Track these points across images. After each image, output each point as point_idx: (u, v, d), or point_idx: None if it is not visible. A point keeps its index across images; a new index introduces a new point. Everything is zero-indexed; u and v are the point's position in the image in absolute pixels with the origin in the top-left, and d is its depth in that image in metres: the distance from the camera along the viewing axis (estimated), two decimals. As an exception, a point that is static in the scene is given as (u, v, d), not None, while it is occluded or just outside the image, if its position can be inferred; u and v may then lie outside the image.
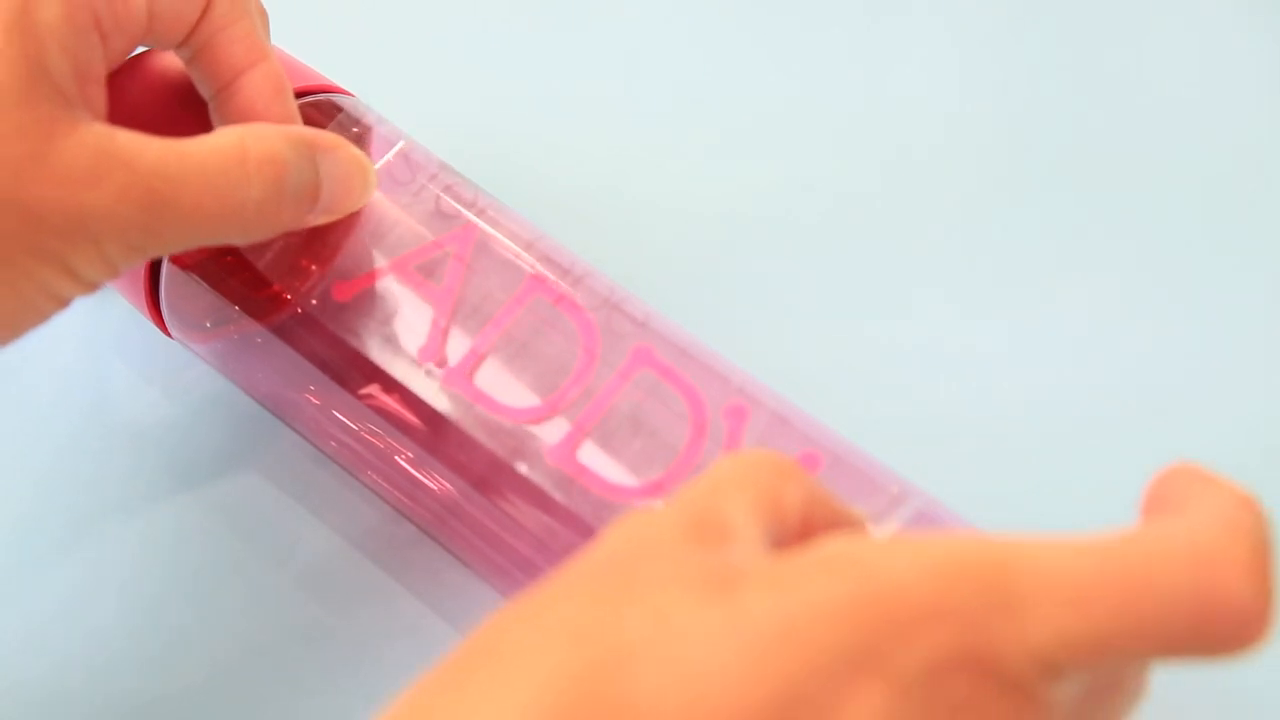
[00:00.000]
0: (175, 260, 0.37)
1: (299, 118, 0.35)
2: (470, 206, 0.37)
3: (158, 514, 0.40)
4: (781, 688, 0.21)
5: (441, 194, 0.37)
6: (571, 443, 0.33)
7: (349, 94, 0.39)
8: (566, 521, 0.33)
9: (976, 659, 0.22)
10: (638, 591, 0.23)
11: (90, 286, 0.31)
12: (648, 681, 0.22)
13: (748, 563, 0.24)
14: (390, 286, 0.35)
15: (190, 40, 0.34)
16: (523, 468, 0.33)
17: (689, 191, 0.46)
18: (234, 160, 0.32)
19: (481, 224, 0.36)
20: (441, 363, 0.35)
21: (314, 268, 0.36)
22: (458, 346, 0.35)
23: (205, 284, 0.37)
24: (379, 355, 0.35)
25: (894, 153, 0.47)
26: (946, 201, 0.46)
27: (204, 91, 0.35)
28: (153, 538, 0.40)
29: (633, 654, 0.22)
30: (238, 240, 0.33)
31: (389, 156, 0.37)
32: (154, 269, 0.38)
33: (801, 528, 0.25)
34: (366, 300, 0.35)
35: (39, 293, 0.31)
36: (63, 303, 0.31)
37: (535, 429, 0.33)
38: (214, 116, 0.35)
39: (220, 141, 0.32)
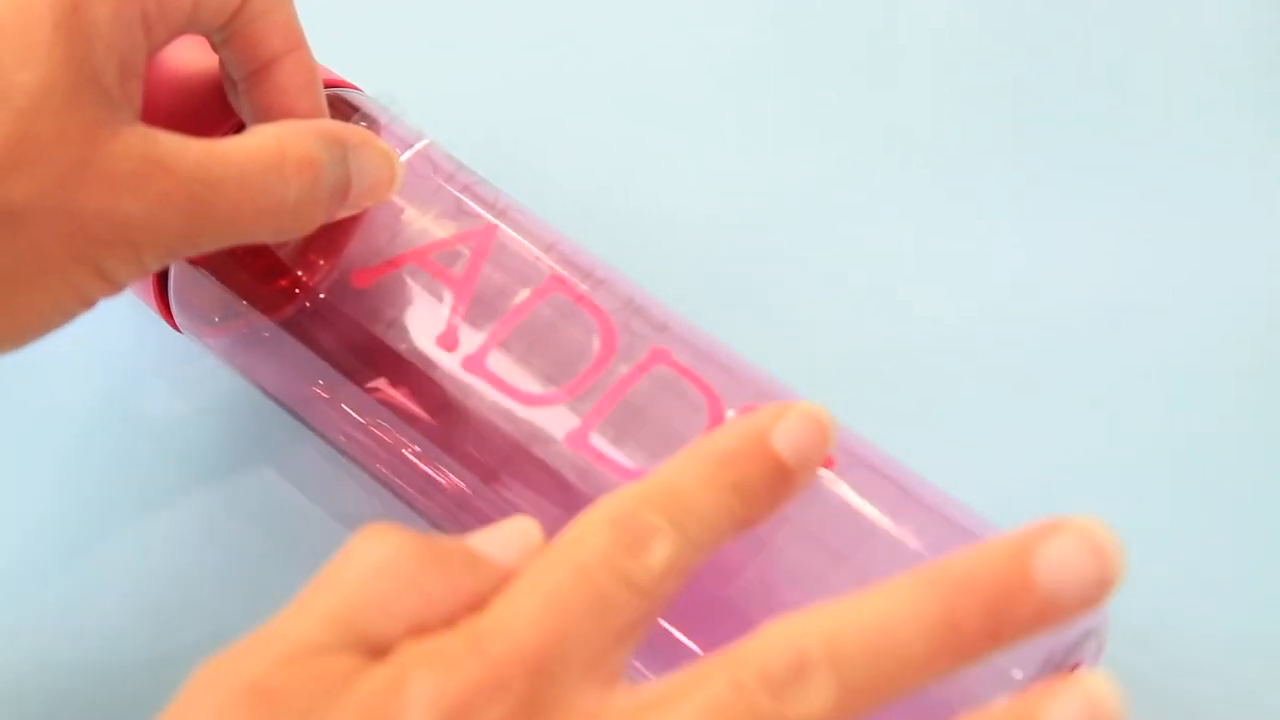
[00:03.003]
0: (184, 255, 0.37)
1: (326, 109, 0.35)
2: (490, 208, 0.37)
3: (167, 508, 0.40)
4: None
5: (461, 194, 0.37)
6: (586, 428, 0.33)
7: (357, 88, 0.39)
8: (581, 506, 0.33)
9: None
10: None
11: (119, 288, 0.31)
12: None
13: None
14: (408, 276, 0.35)
15: (228, 24, 0.33)
16: (538, 452, 0.33)
17: (706, 193, 0.46)
18: (272, 162, 0.31)
19: (502, 225, 0.36)
20: (457, 349, 0.34)
21: (323, 261, 0.36)
22: (474, 334, 0.34)
23: (214, 278, 0.37)
24: (395, 342, 0.35)
25: (900, 154, 0.47)
26: (951, 189, 0.47)
27: (234, 74, 0.35)
28: (161, 531, 0.40)
29: None
30: (271, 239, 0.33)
31: (410, 154, 0.37)
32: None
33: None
34: (383, 288, 0.35)
35: (72, 296, 0.30)
36: (90, 304, 0.31)
37: (550, 414, 0.33)
38: (241, 100, 0.35)
39: (257, 143, 0.32)
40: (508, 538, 0.27)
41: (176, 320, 0.39)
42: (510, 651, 0.24)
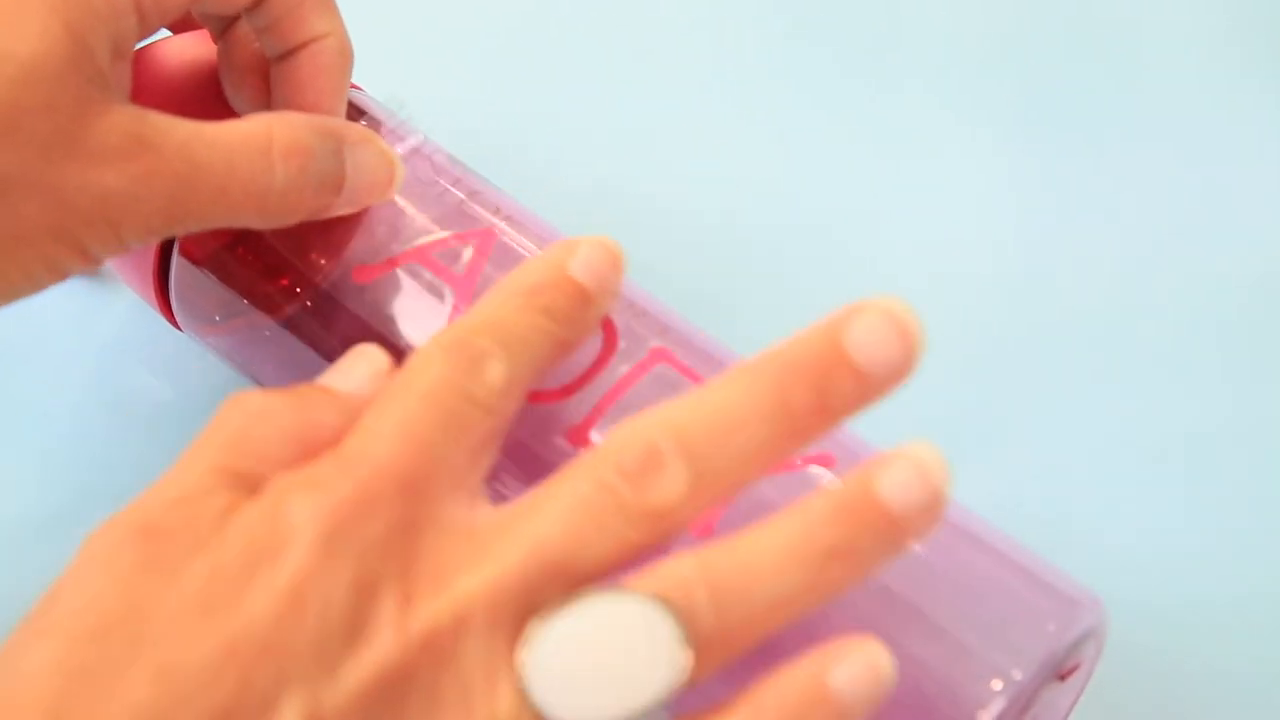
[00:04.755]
0: (185, 253, 0.37)
1: (344, 104, 0.35)
2: (493, 210, 0.36)
3: None
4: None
5: (463, 196, 0.37)
6: (587, 425, 0.33)
7: (358, 88, 0.39)
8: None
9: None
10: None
11: (96, 264, 0.31)
12: (128, 661, 0.23)
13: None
14: (410, 274, 0.35)
15: (259, 10, 0.34)
16: (539, 449, 0.33)
17: (707, 190, 0.47)
18: (259, 146, 0.32)
19: (505, 227, 0.36)
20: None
21: (324, 260, 0.36)
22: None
23: (215, 277, 0.37)
24: (396, 339, 0.35)
25: (902, 142, 0.48)
26: (953, 177, 0.46)
27: (269, 54, 0.35)
28: None
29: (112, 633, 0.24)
30: (257, 225, 0.33)
31: (413, 155, 0.37)
32: (163, 263, 0.38)
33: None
34: (384, 286, 0.35)
35: (44, 268, 0.31)
36: (63, 277, 0.31)
37: (551, 411, 0.33)
38: (239, 95, 0.35)
39: (246, 127, 0.32)
40: (354, 368, 0.30)
41: (178, 319, 0.39)
42: (376, 471, 0.25)
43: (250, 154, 0.31)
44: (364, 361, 0.30)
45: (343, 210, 0.34)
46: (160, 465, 0.40)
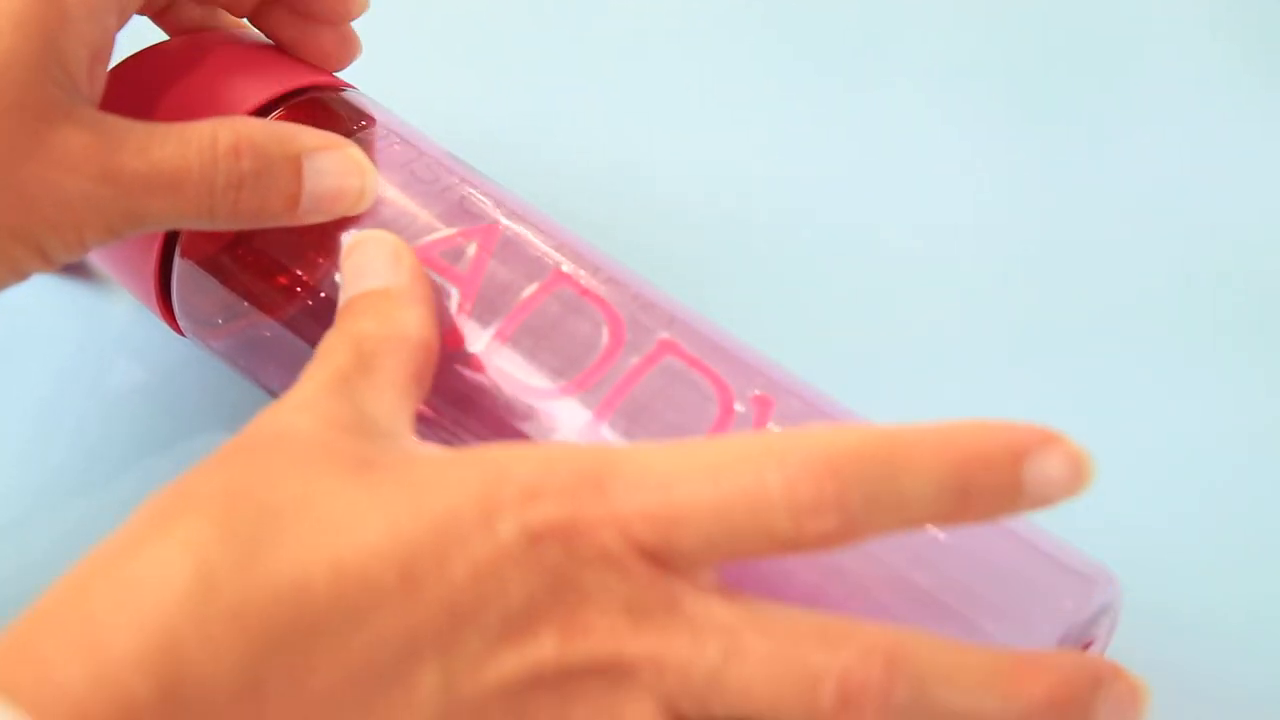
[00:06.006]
0: (187, 255, 0.37)
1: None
2: (495, 205, 0.36)
3: (131, 480, 0.40)
4: (406, 546, 0.24)
5: (464, 192, 0.36)
6: (597, 421, 0.33)
7: (351, 86, 0.39)
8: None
9: (566, 529, 0.25)
10: (291, 466, 0.26)
11: (56, 266, 0.32)
12: (294, 537, 0.24)
13: (390, 453, 0.27)
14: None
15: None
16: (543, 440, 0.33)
17: (703, 183, 0.47)
18: (205, 144, 0.32)
19: (505, 221, 0.36)
20: (464, 345, 0.34)
21: (323, 260, 0.36)
22: (481, 330, 0.34)
23: (215, 279, 0.37)
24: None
25: (897, 137, 0.48)
26: (948, 166, 0.46)
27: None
28: (126, 501, 0.37)
29: (282, 513, 0.25)
30: (207, 225, 0.33)
31: (409, 153, 0.37)
32: (164, 267, 0.38)
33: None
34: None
35: (6, 269, 0.31)
36: (23, 278, 0.32)
37: (560, 408, 0.33)
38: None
39: (197, 126, 0.32)
40: (373, 263, 0.32)
41: (179, 323, 0.39)
42: (614, 517, 0.25)
43: (199, 150, 0.32)
44: (375, 250, 0.32)
45: (313, 219, 0.34)
46: (160, 467, 0.41)
